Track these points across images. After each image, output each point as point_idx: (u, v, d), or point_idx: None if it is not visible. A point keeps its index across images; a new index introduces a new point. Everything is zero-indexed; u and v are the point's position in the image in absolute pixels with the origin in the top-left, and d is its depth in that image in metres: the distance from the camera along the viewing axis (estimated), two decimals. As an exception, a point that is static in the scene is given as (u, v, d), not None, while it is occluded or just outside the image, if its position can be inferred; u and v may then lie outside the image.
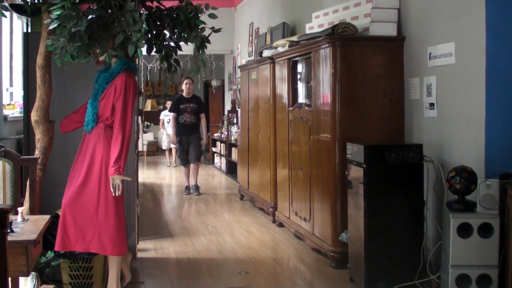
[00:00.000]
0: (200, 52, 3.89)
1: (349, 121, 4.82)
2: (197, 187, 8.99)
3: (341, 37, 4.82)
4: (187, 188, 9.03)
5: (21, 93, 6.08)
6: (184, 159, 8.95)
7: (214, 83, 14.96)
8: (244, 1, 11.40)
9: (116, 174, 3.72)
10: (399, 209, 4.18)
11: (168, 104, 12.84)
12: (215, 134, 12.73)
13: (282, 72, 6.32)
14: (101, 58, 3.81)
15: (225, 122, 11.86)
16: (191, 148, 8.87)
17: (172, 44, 3.89)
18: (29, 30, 6.61)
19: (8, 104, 6.41)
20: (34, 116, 3.90)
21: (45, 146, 3.92)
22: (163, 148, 13.52)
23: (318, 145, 5.16)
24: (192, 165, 8.92)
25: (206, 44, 3.85)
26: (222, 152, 11.91)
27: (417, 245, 4.18)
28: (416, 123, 4.73)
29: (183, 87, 9.08)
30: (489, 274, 3.64)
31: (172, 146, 12.53)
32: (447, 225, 3.75)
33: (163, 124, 13.34)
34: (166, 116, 12.59)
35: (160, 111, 16.23)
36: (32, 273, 3.06)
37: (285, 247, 5.69)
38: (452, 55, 4.19)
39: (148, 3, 3.86)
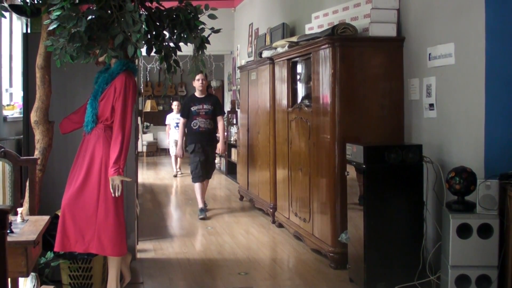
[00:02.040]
0: (200, 52, 3.88)
1: (349, 122, 4.82)
2: (203, 204, 7.30)
3: (341, 37, 4.82)
4: (202, 210, 7.15)
5: (21, 93, 6.08)
6: (200, 174, 7.14)
7: (213, 83, 14.97)
8: (243, 2, 11.40)
9: (116, 175, 3.72)
10: (399, 209, 4.18)
11: (174, 105, 11.73)
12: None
13: (281, 72, 6.32)
14: (100, 59, 3.82)
15: (224, 122, 11.83)
16: (210, 162, 7.29)
17: (171, 44, 3.89)
18: (29, 31, 6.60)
19: (7, 105, 6.41)
20: (33, 116, 3.90)
21: (44, 147, 3.92)
22: (171, 154, 11.85)
23: (317, 145, 5.16)
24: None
25: (205, 44, 3.85)
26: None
27: (416, 246, 4.18)
28: (416, 123, 4.73)
29: (195, 83, 7.26)
30: (489, 275, 3.64)
31: (172, 154, 11.36)
32: (447, 225, 3.75)
33: (169, 129, 11.74)
34: (173, 119, 11.48)
35: (161, 111, 16.22)
36: (32, 273, 3.06)
37: (284, 247, 5.69)
38: (452, 56, 4.20)
39: (148, 4, 3.86)
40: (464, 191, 3.75)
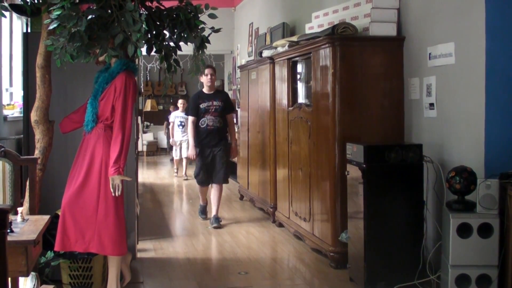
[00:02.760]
0: (200, 52, 3.88)
1: (349, 121, 4.82)
2: (217, 219, 6.54)
3: (341, 37, 4.82)
4: (204, 210, 6.92)
5: (21, 93, 6.08)
6: (203, 179, 6.64)
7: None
8: (244, 1, 11.40)
9: (116, 174, 3.72)
10: (399, 209, 4.18)
11: (180, 103, 11.02)
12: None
13: (281, 72, 6.32)
14: (100, 58, 3.81)
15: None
16: (217, 165, 6.55)
17: (172, 44, 3.89)
18: (29, 30, 6.61)
19: (8, 104, 6.41)
20: (33, 116, 3.90)
21: (44, 146, 3.92)
22: (175, 157, 11.09)
23: (318, 145, 5.16)
24: (214, 187, 6.63)
25: (206, 44, 3.85)
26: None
27: (417, 245, 4.18)
28: (416, 123, 4.73)
29: (203, 79, 6.65)
30: (489, 274, 3.64)
31: (184, 156, 10.54)
32: (447, 225, 3.75)
33: (173, 128, 10.94)
34: (177, 117, 10.89)
35: (161, 111, 16.17)
36: (32, 273, 3.06)
37: (284, 247, 5.69)
38: (452, 55, 4.20)
39: (148, 3, 3.86)
40: (464, 191, 3.75)
